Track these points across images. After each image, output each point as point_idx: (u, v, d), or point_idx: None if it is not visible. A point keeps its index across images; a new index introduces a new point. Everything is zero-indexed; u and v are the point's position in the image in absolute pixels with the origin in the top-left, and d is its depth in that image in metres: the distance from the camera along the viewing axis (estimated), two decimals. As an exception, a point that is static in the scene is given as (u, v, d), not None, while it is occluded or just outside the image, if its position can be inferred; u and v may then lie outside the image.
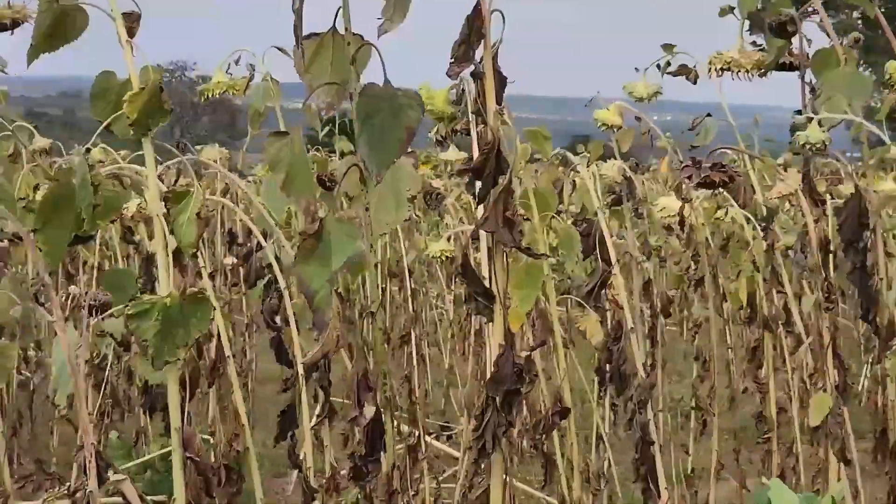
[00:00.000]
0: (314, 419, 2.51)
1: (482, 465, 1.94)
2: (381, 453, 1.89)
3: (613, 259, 2.79)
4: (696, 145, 3.11)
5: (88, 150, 2.10)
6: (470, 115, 2.42)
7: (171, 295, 2.07)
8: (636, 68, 3.21)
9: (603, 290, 2.81)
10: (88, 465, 1.85)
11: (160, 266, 2.12)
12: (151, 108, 2.10)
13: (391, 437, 1.87)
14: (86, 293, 3.57)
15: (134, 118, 2.08)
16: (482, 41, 1.94)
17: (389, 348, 4.75)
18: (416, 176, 2.35)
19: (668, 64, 3.22)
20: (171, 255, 2.12)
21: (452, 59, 1.95)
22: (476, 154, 2.13)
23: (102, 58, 2.47)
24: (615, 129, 3.14)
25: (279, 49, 3.67)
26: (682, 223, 2.97)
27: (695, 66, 3.21)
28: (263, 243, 2.52)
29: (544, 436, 2.76)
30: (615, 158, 3.41)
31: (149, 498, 1.97)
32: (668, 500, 2.72)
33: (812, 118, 2.63)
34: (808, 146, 2.59)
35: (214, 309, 2.11)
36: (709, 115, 3.08)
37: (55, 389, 2.04)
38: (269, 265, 2.53)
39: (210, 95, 3.85)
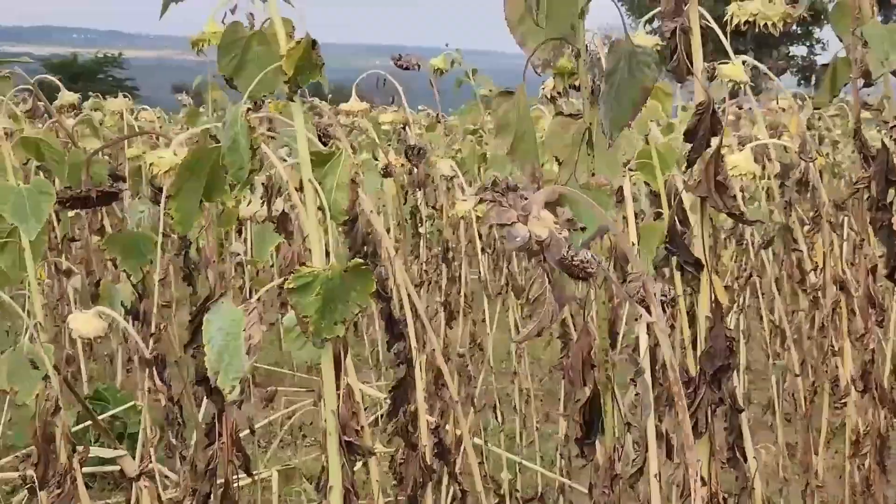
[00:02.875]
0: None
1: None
2: (598, 436, 1.80)
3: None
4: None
5: (250, 109, 1.92)
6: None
7: (333, 267, 1.93)
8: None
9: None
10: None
11: (312, 236, 1.98)
12: (305, 64, 1.94)
13: (612, 419, 1.78)
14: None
15: (291, 74, 1.91)
16: (691, -8, 1.85)
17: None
18: (633, 138, 2.23)
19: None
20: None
21: (662, 14, 1.85)
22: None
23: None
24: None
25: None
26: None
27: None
28: (367, 211, 2.38)
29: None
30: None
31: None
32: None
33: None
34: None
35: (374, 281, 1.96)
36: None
37: (216, 372, 1.87)
38: (370, 233, 2.38)
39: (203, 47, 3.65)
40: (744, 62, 2.90)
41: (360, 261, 1.96)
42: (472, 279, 4.33)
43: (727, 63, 2.67)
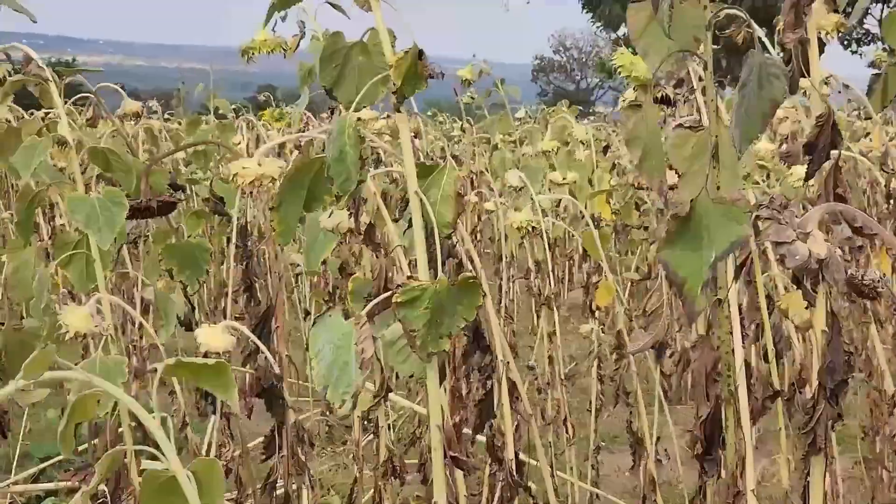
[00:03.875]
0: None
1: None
2: (719, 451, 1.79)
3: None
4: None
5: (359, 118, 1.91)
6: (696, 82, 2.33)
7: (441, 281, 1.92)
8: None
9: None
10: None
11: (417, 249, 1.97)
12: (412, 75, 1.93)
13: (732, 435, 1.77)
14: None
15: (399, 85, 1.91)
16: (811, 4, 1.84)
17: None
18: (753, 150, 2.23)
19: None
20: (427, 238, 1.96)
21: (783, 26, 1.85)
22: (706, 121, 2.03)
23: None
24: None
25: (332, 5, 3.51)
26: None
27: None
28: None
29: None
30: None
31: None
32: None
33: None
34: None
35: (485, 295, 1.96)
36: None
37: (325, 386, 1.86)
38: (456, 245, 2.37)
39: (253, 55, 3.64)
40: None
41: (469, 275, 1.95)
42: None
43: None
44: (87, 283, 2.68)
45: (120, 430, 2.65)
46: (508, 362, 2.47)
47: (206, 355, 1.82)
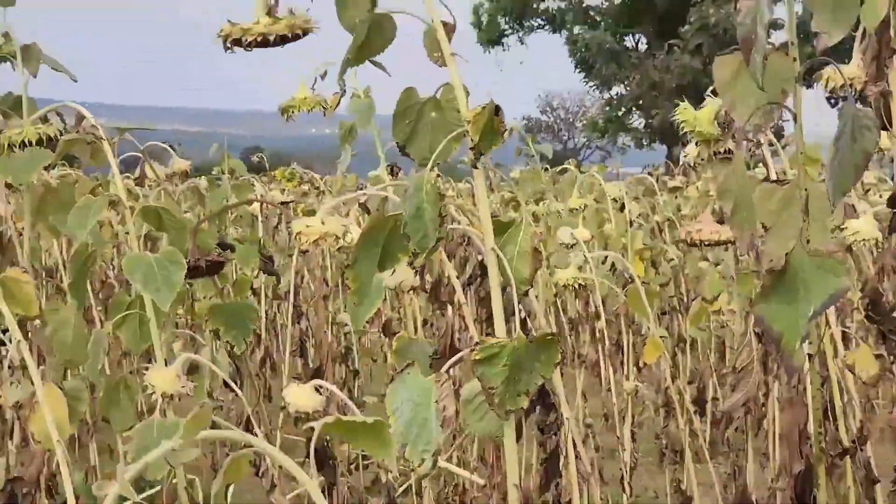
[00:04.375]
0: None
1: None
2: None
3: None
4: None
5: (435, 171, 1.90)
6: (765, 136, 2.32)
7: (520, 338, 1.90)
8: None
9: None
10: None
11: (494, 306, 1.96)
12: (489, 130, 1.93)
13: (825, 494, 1.74)
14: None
15: (477, 141, 1.90)
16: (893, 56, 1.84)
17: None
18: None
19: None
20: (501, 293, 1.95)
21: (866, 78, 1.84)
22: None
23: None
24: None
25: (374, 63, 3.53)
26: None
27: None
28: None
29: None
30: None
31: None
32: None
33: None
34: None
35: (559, 352, 1.94)
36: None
37: (404, 444, 1.84)
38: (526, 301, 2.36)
39: (293, 113, 3.65)
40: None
41: (548, 331, 1.94)
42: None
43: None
44: (141, 343, 2.67)
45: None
46: (568, 418, 2.45)
47: (296, 417, 1.80)
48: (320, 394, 1.79)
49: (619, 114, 42.74)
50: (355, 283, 2.01)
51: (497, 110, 1.95)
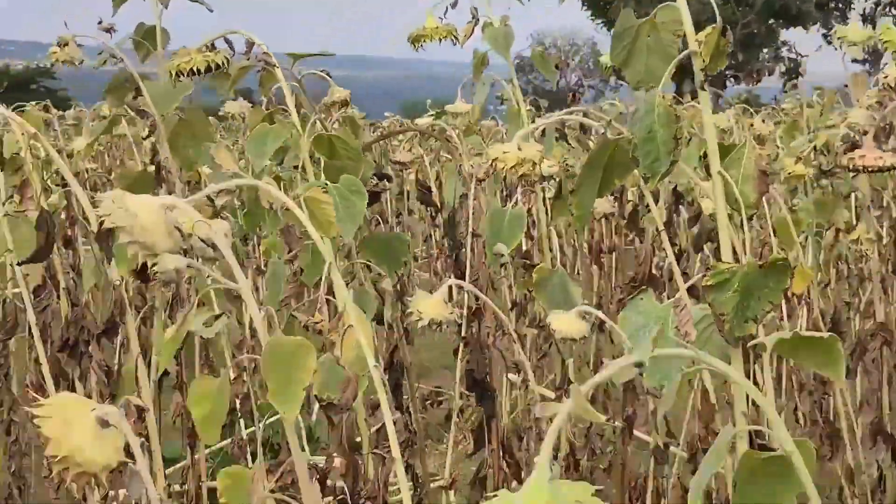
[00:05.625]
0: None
1: None
2: None
3: None
4: None
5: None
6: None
7: (749, 262, 1.89)
8: None
9: None
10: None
11: (721, 232, 1.94)
12: (717, 52, 1.91)
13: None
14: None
15: (707, 61, 1.88)
16: None
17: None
18: None
19: None
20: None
21: None
22: None
23: None
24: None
25: (511, -14, 3.51)
26: None
27: None
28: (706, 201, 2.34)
29: None
30: None
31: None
32: None
33: None
34: None
35: (792, 277, 1.92)
36: None
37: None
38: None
39: (424, 42, 3.63)
40: None
41: (779, 256, 1.92)
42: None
43: None
44: (316, 274, 2.67)
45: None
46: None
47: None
48: (584, 320, 1.79)
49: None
50: (578, 209, 2.01)
51: (724, 31, 1.93)
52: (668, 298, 2.22)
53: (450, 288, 3.42)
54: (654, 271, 2.32)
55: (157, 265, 1.26)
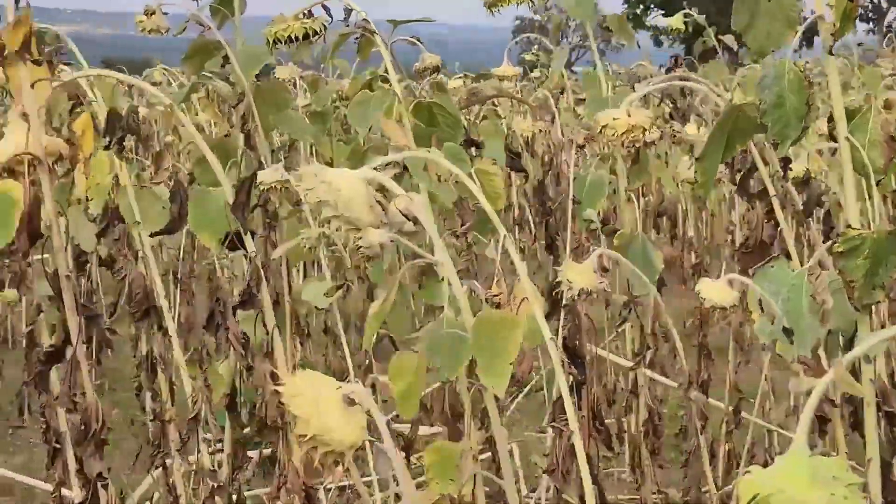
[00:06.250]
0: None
1: None
2: None
3: None
4: None
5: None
6: None
7: (878, 229, 1.89)
8: None
9: None
10: None
11: (848, 198, 1.94)
12: (847, 16, 1.90)
13: None
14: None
15: (838, 25, 1.88)
16: None
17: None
18: None
19: None
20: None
21: None
22: None
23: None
24: None
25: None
26: None
27: None
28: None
29: None
30: None
31: None
32: None
33: None
34: None
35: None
36: None
37: (774, 341, 1.84)
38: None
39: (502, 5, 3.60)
40: None
41: (909, 222, 1.92)
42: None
43: None
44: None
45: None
46: None
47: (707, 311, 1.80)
48: (732, 287, 1.79)
49: (637, 12, 42.73)
50: (703, 175, 2.01)
51: (853, -6, 1.92)
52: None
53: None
54: (765, 238, 2.31)
55: (360, 239, 1.27)
